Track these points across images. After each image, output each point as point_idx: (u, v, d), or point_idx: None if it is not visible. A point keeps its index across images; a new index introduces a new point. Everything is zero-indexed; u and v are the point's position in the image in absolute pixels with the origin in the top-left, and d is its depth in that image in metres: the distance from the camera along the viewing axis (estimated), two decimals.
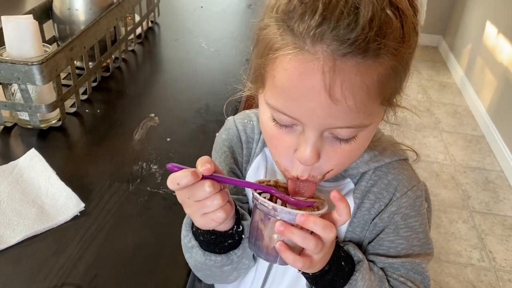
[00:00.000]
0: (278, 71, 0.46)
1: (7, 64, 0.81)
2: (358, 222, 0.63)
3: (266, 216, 0.51)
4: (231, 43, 1.35)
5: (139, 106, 1.02)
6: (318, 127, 0.48)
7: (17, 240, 0.67)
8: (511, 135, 2.37)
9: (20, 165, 0.80)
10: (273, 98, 0.49)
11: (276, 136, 0.52)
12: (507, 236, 1.99)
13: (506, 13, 2.64)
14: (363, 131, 0.50)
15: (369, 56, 0.43)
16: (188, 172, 0.46)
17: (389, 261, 0.62)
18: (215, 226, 0.52)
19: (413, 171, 0.66)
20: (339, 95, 0.44)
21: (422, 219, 0.63)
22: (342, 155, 0.51)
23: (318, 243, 0.48)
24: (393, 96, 0.50)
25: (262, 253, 0.53)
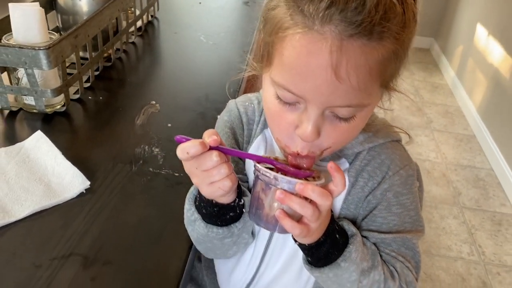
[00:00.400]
0: (287, 48, 0.49)
1: (15, 49, 0.83)
2: (352, 199, 0.66)
3: (267, 186, 0.54)
4: (229, 37, 1.39)
5: (140, 94, 1.06)
6: (321, 105, 0.51)
7: (25, 214, 0.70)
8: (501, 135, 2.43)
9: (27, 146, 0.83)
10: (280, 75, 0.52)
11: (279, 114, 0.55)
12: (496, 231, 2.03)
13: (495, 15, 2.70)
14: (361, 111, 0.53)
15: (374, 38, 0.47)
16: (197, 142, 0.49)
17: (381, 236, 0.65)
18: (221, 194, 0.55)
19: (406, 151, 0.69)
20: (344, 74, 0.47)
21: (413, 197, 0.67)
22: (341, 134, 0.55)
23: (315, 210, 0.51)
24: (391, 79, 0.54)
25: (262, 221, 0.56)
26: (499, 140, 2.43)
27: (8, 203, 0.71)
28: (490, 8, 2.81)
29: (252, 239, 0.70)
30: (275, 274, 0.72)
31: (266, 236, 0.70)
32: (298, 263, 0.70)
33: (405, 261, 0.66)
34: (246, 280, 0.75)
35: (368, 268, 0.61)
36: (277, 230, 0.55)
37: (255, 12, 1.61)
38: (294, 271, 0.72)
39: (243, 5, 1.67)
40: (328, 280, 0.61)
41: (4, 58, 0.84)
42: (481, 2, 2.95)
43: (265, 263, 0.72)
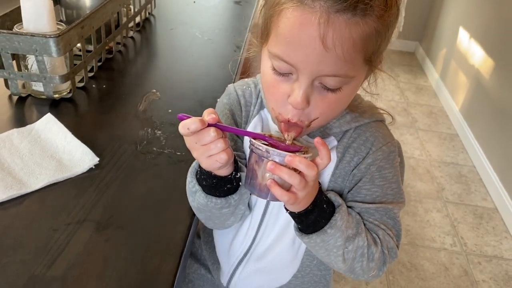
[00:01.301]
0: (282, 21, 0.57)
1: (27, 37, 0.89)
2: (340, 173, 0.72)
3: (260, 158, 0.60)
4: (223, 33, 1.46)
5: (141, 83, 1.12)
6: (311, 74, 0.57)
7: (40, 186, 0.75)
8: (482, 134, 2.53)
9: (37, 127, 0.88)
10: (275, 46, 0.59)
11: (273, 84, 0.62)
12: (478, 224, 2.12)
13: (477, 19, 2.82)
14: (347, 84, 0.60)
15: (357, 14, 0.54)
16: (197, 119, 0.56)
17: (365, 206, 0.71)
18: (218, 167, 0.61)
19: (388, 130, 0.75)
20: (330, 44, 0.54)
21: (394, 171, 0.73)
22: (328, 105, 0.61)
23: (302, 180, 0.58)
24: (374, 56, 0.60)
25: (256, 190, 0.62)
26: (481, 139, 2.53)
27: (24, 176, 0.77)
28: (471, 12, 2.93)
29: (248, 211, 0.76)
30: (270, 242, 0.79)
31: (262, 207, 0.76)
32: (291, 233, 0.76)
33: (386, 229, 0.71)
34: (244, 249, 0.81)
35: (352, 235, 0.67)
36: (269, 197, 0.61)
37: (246, 11, 1.68)
38: (287, 240, 0.78)
39: (235, 5, 1.74)
40: (316, 246, 0.67)
41: (16, 45, 0.90)
42: (463, 7, 3.07)
43: (261, 232, 0.78)
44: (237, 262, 0.82)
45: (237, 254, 0.82)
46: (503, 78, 2.39)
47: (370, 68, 0.63)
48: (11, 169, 0.78)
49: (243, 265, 0.82)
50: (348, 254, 0.66)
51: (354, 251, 0.67)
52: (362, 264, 0.68)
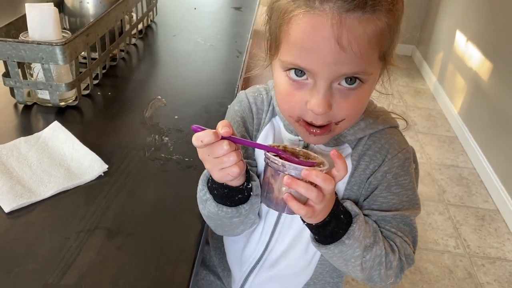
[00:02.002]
0: (293, 28, 0.56)
1: (33, 45, 0.89)
2: (355, 181, 0.71)
3: (276, 172, 0.59)
4: (225, 39, 1.46)
5: (146, 90, 1.12)
6: (329, 75, 0.57)
7: (50, 194, 0.75)
8: (481, 136, 2.54)
9: (44, 135, 0.88)
10: (288, 53, 0.58)
11: (289, 93, 0.61)
12: (480, 226, 2.12)
13: (473, 22, 2.83)
14: (365, 83, 0.59)
15: (368, 11, 0.54)
16: (210, 132, 0.55)
17: (382, 214, 0.70)
18: (230, 179, 0.60)
19: (403, 136, 0.74)
20: (346, 43, 0.54)
21: (410, 178, 0.72)
22: (351, 104, 0.60)
23: (319, 193, 0.57)
24: (388, 51, 0.60)
25: (272, 204, 0.61)
26: (480, 141, 2.54)
27: (33, 185, 0.76)
28: (468, 15, 2.95)
29: (258, 219, 0.76)
30: (283, 249, 0.78)
31: (275, 214, 0.76)
32: (304, 239, 0.76)
33: (403, 236, 0.71)
34: (256, 256, 0.80)
35: (370, 244, 0.66)
36: (286, 211, 0.61)
37: (247, 17, 1.69)
38: (301, 247, 0.77)
39: (236, 11, 1.75)
40: (334, 256, 0.67)
41: (22, 54, 0.90)
42: (460, 10, 3.09)
43: (274, 239, 0.78)
44: (249, 269, 0.82)
45: (249, 261, 0.82)
46: (500, 80, 2.41)
47: (384, 65, 0.63)
48: (20, 178, 0.77)
49: (256, 272, 0.82)
50: (366, 263, 0.66)
51: (372, 260, 0.67)
52: (380, 272, 0.68)
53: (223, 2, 1.81)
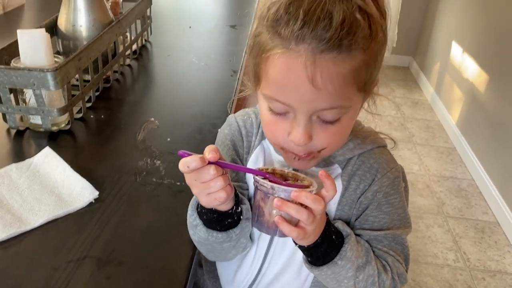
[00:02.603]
0: (270, 67, 0.57)
1: (24, 71, 0.89)
2: (346, 201, 0.72)
3: (265, 195, 0.60)
4: (219, 58, 1.47)
5: (139, 112, 1.12)
6: (307, 111, 0.58)
7: (40, 223, 0.75)
8: (480, 147, 2.53)
9: (36, 161, 0.88)
10: (268, 89, 0.60)
11: (272, 123, 0.62)
12: (480, 239, 2.11)
13: (468, 33, 2.85)
14: (345, 114, 0.60)
15: (343, 51, 0.54)
16: (197, 157, 0.56)
17: (373, 234, 0.71)
18: (217, 204, 0.61)
19: (391, 156, 0.76)
20: (319, 83, 0.55)
21: (400, 197, 0.73)
22: (331, 135, 0.61)
23: (310, 214, 0.58)
24: (368, 84, 0.61)
25: (264, 227, 0.62)
26: (479, 152, 2.53)
27: (23, 213, 0.76)
28: (463, 26, 2.96)
29: (250, 243, 0.76)
30: (276, 272, 0.78)
31: (267, 238, 0.76)
32: (297, 262, 0.76)
33: (395, 255, 0.72)
34: (249, 280, 0.80)
35: (363, 264, 0.67)
36: (278, 234, 0.61)
37: (242, 35, 1.69)
38: (294, 269, 0.77)
39: (231, 29, 1.76)
40: (327, 278, 0.67)
41: (14, 80, 0.90)
42: (455, 21, 3.10)
43: (267, 262, 0.78)
44: None
45: (242, 284, 0.81)
46: (497, 91, 2.41)
47: (366, 94, 0.63)
48: (10, 206, 0.77)
49: None
50: (359, 283, 0.67)
51: (365, 280, 0.67)
52: None
53: (217, 20, 1.82)
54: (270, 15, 0.57)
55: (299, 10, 0.54)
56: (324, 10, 0.53)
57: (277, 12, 0.56)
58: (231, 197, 0.62)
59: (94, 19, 1.15)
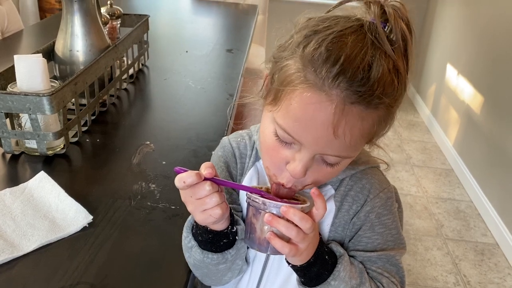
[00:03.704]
0: (295, 100, 0.56)
1: (20, 96, 0.90)
2: (339, 222, 0.72)
3: (257, 211, 0.60)
4: (215, 82, 1.48)
5: (135, 135, 1.12)
6: (315, 151, 0.58)
7: (32, 248, 0.74)
8: (477, 168, 2.53)
9: (30, 186, 0.88)
10: (284, 120, 0.58)
11: (274, 148, 0.62)
12: (480, 261, 2.09)
13: (463, 55, 2.88)
14: (346, 160, 0.62)
15: (371, 107, 0.55)
16: (193, 173, 0.56)
17: (367, 255, 0.70)
18: (213, 221, 0.60)
19: (384, 176, 0.76)
20: (341, 132, 0.55)
21: (393, 217, 0.73)
22: (324, 175, 0.62)
23: (299, 232, 0.58)
24: (377, 138, 0.63)
25: (255, 244, 0.62)
26: (476, 173, 2.53)
27: (16, 239, 0.75)
28: (457, 49, 3.00)
29: (246, 265, 0.75)
30: None
31: (262, 261, 0.75)
32: (292, 285, 0.74)
33: (390, 276, 0.71)
34: None
35: (356, 285, 0.66)
36: (269, 251, 0.61)
37: (238, 59, 1.71)
38: None
39: (227, 53, 1.78)
40: None
41: (9, 105, 0.91)
42: (449, 44, 3.15)
43: (262, 286, 0.77)
44: None
45: None
46: (492, 112, 2.42)
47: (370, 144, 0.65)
48: (3, 232, 0.76)
49: None
50: None
51: None
52: None
53: (214, 45, 1.85)
54: (309, 48, 0.56)
55: (341, 53, 0.54)
56: (364, 60, 0.54)
57: (318, 49, 0.55)
58: (226, 216, 0.62)
59: (91, 44, 1.17)
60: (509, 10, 2.37)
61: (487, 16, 2.62)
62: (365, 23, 0.57)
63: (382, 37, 0.56)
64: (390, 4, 0.58)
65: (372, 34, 0.56)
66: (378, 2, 0.58)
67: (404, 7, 0.59)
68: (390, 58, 0.56)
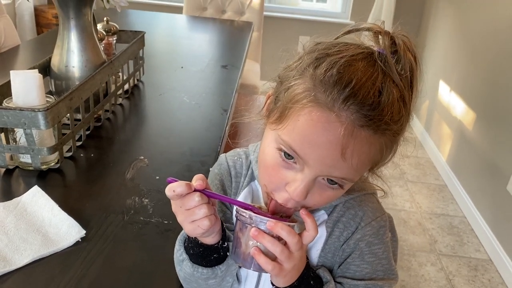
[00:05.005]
0: (304, 117, 0.56)
1: (16, 111, 0.91)
2: (329, 248, 0.71)
3: (244, 225, 0.60)
4: (210, 97, 1.50)
5: (129, 150, 1.13)
6: (319, 172, 0.58)
7: (25, 263, 0.74)
8: (470, 184, 2.55)
9: (24, 200, 0.88)
10: (290, 136, 0.58)
11: (274, 167, 0.61)
12: (473, 277, 2.09)
13: (455, 73, 2.92)
14: (346, 184, 0.61)
15: (379, 132, 0.56)
16: (183, 183, 0.57)
17: (354, 283, 0.69)
18: (201, 232, 0.60)
19: (379, 203, 0.74)
20: (348, 155, 0.55)
21: (385, 247, 0.71)
22: (325, 198, 0.62)
23: (284, 249, 0.58)
24: (379, 166, 0.63)
25: (240, 259, 0.62)
26: (469, 189, 2.55)
27: (8, 253, 0.76)
28: (450, 66, 3.04)
29: (237, 284, 0.75)
30: None
31: (254, 281, 0.75)
32: None
33: None
34: None
35: None
36: (253, 267, 0.61)
37: (233, 75, 1.73)
38: None
39: (222, 69, 1.80)
40: None
41: (5, 120, 0.92)
42: (442, 61, 3.19)
43: None
44: None
45: None
46: (484, 128, 2.45)
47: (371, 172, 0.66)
48: None
49: None
50: None
51: None
52: None
53: (209, 60, 1.87)
54: (321, 69, 0.56)
55: (352, 77, 0.54)
56: (375, 85, 0.55)
57: (330, 70, 0.56)
58: (217, 230, 0.63)
59: (87, 60, 1.18)
60: (499, 28, 2.42)
61: (478, 34, 2.67)
62: (375, 52, 0.58)
63: (392, 66, 0.57)
64: (400, 36, 0.60)
65: (382, 62, 0.57)
66: (388, 33, 0.59)
67: (410, 41, 0.60)
68: (398, 87, 0.57)
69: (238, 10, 3.05)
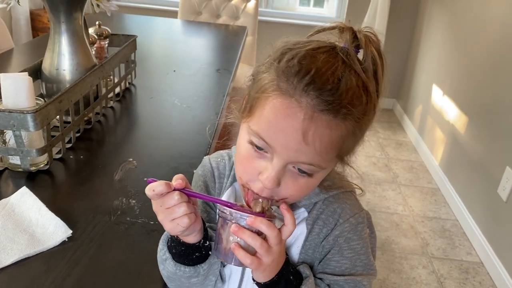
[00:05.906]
0: (269, 106, 0.60)
1: (4, 113, 0.92)
2: (310, 245, 0.73)
3: (225, 222, 0.62)
4: (201, 101, 1.51)
5: (119, 152, 1.14)
6: (287, 158, 0.60)
7: (11, 262, 0.75)
8: (462, 187, 2.57)
9: (12, 201, 0.89)
10: (257, 125, 0.61)
11: (248, 158, 0.64)
12: (464, 279, 2.11)
13: (448, 78, 2.95)
14: (318, 172, 0.63)
15: (339, 117, 0.58)
16: (163, 182, 0.59)
17: (334, 278, 0.71)
18: (180, 230, 0.62)
19: (357, 201, 0.77)
20: (310, 139, 0.58)
21: (363, 243, 0.73)
22: (298, 187, 0.64)
23: (263, 243, 0.60)
24: (347, 153, 0.65)
25: (221, 254, 0.64)
26: (461, 193, 2.57)
27: None
28: (443, 71, 3.07)
29: (221, 283, 0.76)
30: None
31: (237, 281, 0.76)
32: None
33: None
34: None
35: None
36: (233, 262, 0.63)
37: (225, 78, 1.75)
38: None
39: (215, 72, 1.81)
40: None
41: None
42: (435, 66, 3.22)
43: None
44: None
45: None
46: (477, 132, 2.47)
47: (341, 161, 0.67)
48: None
49: None
50: None
51: None
52: None
53: (202, 64, 1.88)
54: (284, 61, 0.60)
55: (312, 66, 0.58)
56: (334, 74, 0.57)
57: (291, 61, 0.59)
58: (199, 229, 0.64)
59: (77, 63, 1.20)
60: (492, 33, 2.45)
61: (471, 39, 2.69)
62: (337, 46, 0.61)
63: (353, 58, 0.60)
64: (362, 31, 0.62)
65: (343, 54, 0.60)
66: (351, 28, 0.62)
67: (377, 37, 0.63)
68: (359, 76, 0.59)
69: (233, 14, 3.07)
